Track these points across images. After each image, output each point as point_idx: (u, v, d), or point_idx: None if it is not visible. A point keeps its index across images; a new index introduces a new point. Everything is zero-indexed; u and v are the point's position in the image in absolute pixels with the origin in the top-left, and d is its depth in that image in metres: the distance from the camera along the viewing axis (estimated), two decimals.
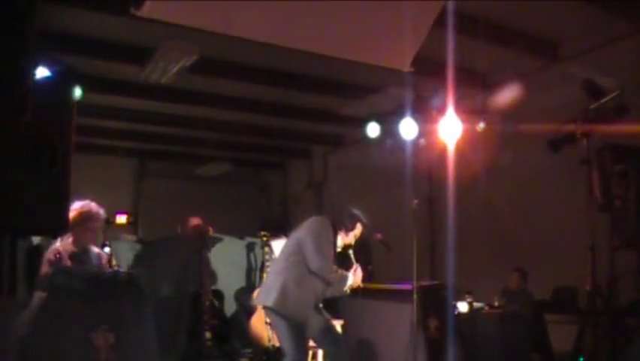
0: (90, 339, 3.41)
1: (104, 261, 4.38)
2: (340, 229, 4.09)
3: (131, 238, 7.03)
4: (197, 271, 5.84)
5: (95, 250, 4.34)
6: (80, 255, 4.12)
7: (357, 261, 4.13)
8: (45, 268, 3.91)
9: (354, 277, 4.05)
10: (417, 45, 5.18)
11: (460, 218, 7.49)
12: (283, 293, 3.84)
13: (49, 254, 3.99)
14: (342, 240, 4.11)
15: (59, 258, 3.97)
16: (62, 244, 4.07)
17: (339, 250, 4.11)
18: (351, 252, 4.14)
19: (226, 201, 11.20)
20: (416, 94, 7.14)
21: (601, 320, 4.24)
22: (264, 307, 4.04)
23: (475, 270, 6.94)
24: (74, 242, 4.09)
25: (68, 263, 3.99)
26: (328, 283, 3.96)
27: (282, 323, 3.86)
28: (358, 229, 4.13)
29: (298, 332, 3.87)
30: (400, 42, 5.08)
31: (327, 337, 4.03)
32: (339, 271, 4.02)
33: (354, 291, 4.17)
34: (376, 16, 4.82)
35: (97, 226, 4.17)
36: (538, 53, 6.53)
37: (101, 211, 4.20)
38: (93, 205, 4.14)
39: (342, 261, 4.15)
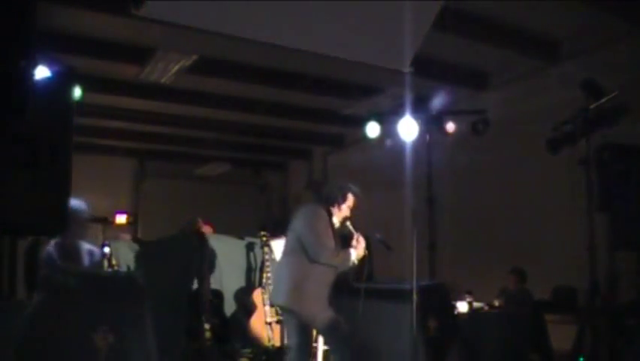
0: (90, 339, 3.41)
1: (97, 257, 4.35)
2: (333, 206, 4.05)
3: (128, 237, 7.03)
4: (197, 270, 5.83)
5: (87, 246, 4.31)
6: (70, 251, 4.10)
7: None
8: (41, 270, 3.91)
9: (358, 246, 3.99)
10: (417, 45, 5.19)
11: (460, 218, 7.50)
12: (294, 289, 3.85)
13: (42, 255, 3.99)
14: (337, 216, 4.06)
15: (51, 258, 3.96)
16: (53, 244, 4.07)
17: (337, 225, 4.07)
18: (349, 223, 4.06)
19: (226, 201, 11.20)
20: (416, 94, 7.15)
21: (600, 320, 4.24)
22: (277, 305, 4.04)
23: (475, 270, 6.94)
24: (62, 240, 4.08)
25: (58, 262, 3.97)
26: (335, 267, 3.92)
27: (291, 319, 3.90)
28: (350, 199, 4.07)
29: (305, 329, 3.88)
30: (400, 42, 5.08)
31: (333, 334, 4.00)
32: (340, 253, 3.95)
33: (362, 262, 4.07)
34: (376, 16, 4.82)
35: (80, 219, 4.15)
36: (538, 53, 6.53)
37: (83, 205, 4.18)
38: (72, 201, 4.12)
39: (343, 235, 4.11)
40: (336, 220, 4.08)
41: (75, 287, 3.55)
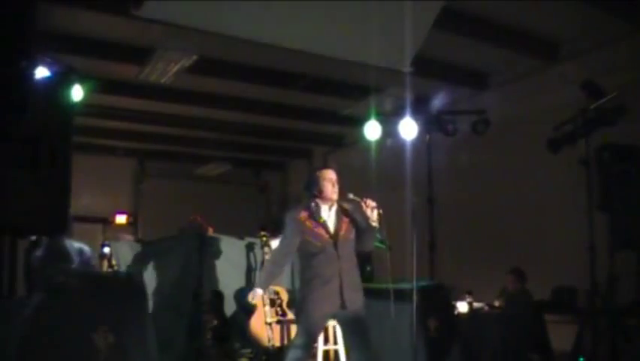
0: (90, 339, 3.41)
1: (87, 256, 4.34)
2: (316, 195, 3.95)
3: (129, 237, 7.03)
4: (197, 270, 5.84)
5: (76, 245, 4.30)
6: (58, 252, 4.10)
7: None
8: (32, 276, 3.90)
9: (368, 210, 3.82)
10: (417, 45, 5.19)
11: (460, 218, 7.50)
12: (299, 294, 3.97)
13: (32, 262, 3.98)
14: (325, 199, 3.94)
15: (43, 262, 3.96)
16: (43, 246, 4.07)
17: (332, 207, 3.95)
18: (351, 195, 3.90)
19: (226, 201, 11.20)
20: (416, 94, 7.15)
21: (600, 320, 4.24)
22: None
23: (475, 270, 6.94)
24: (50, 241, 4.08)
25: (52, 264, 3.98)
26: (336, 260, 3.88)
27: (299, 316, 3.98)
28: (323, 175, 3.95)
29: (306, 327, 3.87)
30: (400, 42, 5.08)
31: (352, 337, 3.99)
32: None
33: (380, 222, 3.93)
34: (376, 16, 4.82)
35: None
36: (538, 53, 6.53)
37: None
38: None
39: (355, 208, 3.98)
40: (326, 204, 3.94)
41: (75, 287, 3.55)
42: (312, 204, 3.97)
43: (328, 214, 3.96)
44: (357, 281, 3.97)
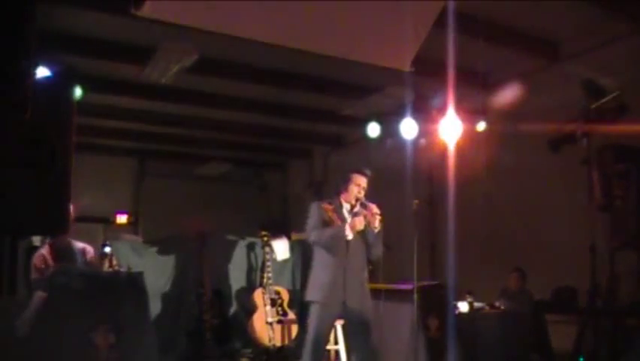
0: (90, 339, 3.42)
1: (90, 255, 4.35)
2: (341, 193, 4.16)
3: (130, 237, 7.04)
4: (198, 270, 5.84)
5: (79, 244, 4.31)
6: (63, 251, 4.11)
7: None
8: (34, 275, 3.90)
9: (369, 213, 3.98)
10: (417, 45, 5.19)
11: (460, 218, 7.50)
12: (310, 282, 4.03)
13: (35, 260, 3.97)
14: (347, 199, 4.14)
15: (45, 263, 3.96)
16: (46, 247, 4.07)
17: (347, 208, 4.13)
18: (362, 200, 4.09)
19: (226, 201, 11.20)
20: (416, 94, 7.14)
21: (601, 320, 4.24)
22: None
23: (475, 270, 6.94)
24: (54, 240, 4.08)
25: (52, 264, 3.97)
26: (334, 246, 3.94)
27: (311, 308, 3.98)
28: (355, 178, 4.13)
29: (315, 317, 3.92)
30: (400, 42, 5.08)
31: (356, 336, 4.01)
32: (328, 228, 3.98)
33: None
34: (376, 16, 4.82)
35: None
36: (538, 53, 6.52)
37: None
38: None
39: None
40: (346, 204, 4.14)
41: (76, 288, 3.56)
42: (337, 200, 4.15)
43: (348, 213, 4.12)
44: (364, 283, 4.05)
